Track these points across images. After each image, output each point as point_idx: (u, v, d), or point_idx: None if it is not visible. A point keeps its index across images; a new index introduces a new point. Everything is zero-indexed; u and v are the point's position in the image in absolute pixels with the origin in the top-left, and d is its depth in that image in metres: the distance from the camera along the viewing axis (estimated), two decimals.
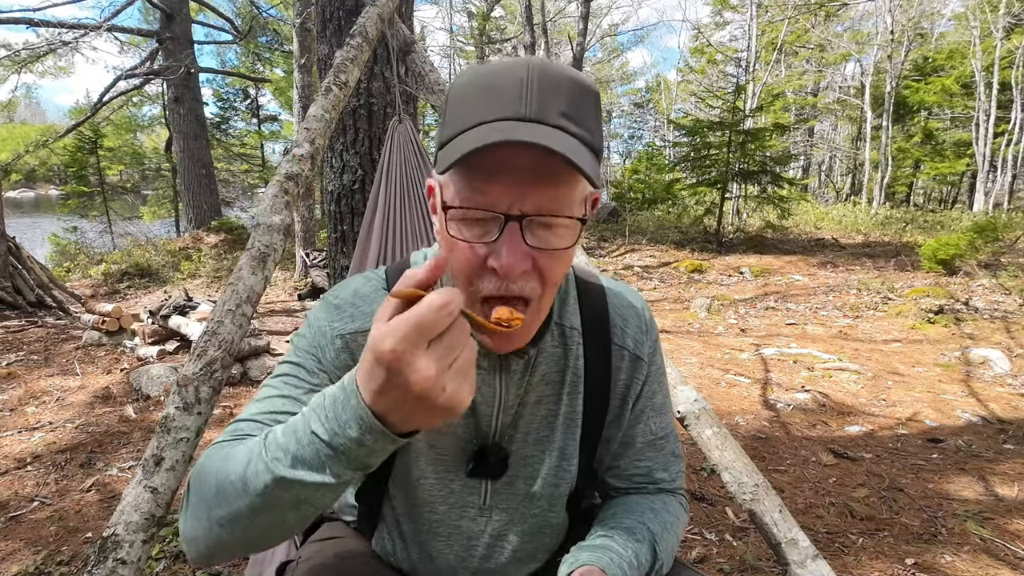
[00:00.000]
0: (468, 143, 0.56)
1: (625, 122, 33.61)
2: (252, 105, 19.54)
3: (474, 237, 0.60)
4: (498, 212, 0.58)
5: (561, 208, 0.59)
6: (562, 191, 0.59)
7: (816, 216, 13.62)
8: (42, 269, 6.31)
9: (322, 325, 0.74)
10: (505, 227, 0.58)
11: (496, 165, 0.57)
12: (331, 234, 2.65)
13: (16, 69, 11.28)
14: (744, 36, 18.79)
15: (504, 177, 0.57)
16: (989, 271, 6.69)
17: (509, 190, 0.57)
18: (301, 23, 7.92)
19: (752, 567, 1.82)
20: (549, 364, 0.77)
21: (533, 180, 0.57)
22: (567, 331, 0.79)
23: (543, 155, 0.55)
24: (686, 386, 1.34)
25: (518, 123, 0.57)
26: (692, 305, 6.11)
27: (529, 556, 0.83)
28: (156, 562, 1.85)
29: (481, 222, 0.60)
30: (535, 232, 0.59)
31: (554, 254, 0.61)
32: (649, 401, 0.84)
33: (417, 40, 1.99)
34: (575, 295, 0.81)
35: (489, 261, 0.60)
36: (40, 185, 35.33)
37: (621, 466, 0.85)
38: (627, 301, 0.84)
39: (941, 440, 2.79)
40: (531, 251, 0.59)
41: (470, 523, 0.80)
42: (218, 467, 0.60)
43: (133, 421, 3.13)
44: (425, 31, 20.58)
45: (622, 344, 0.81)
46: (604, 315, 0.81)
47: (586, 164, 0.56)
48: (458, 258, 0.62)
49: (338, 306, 0.75)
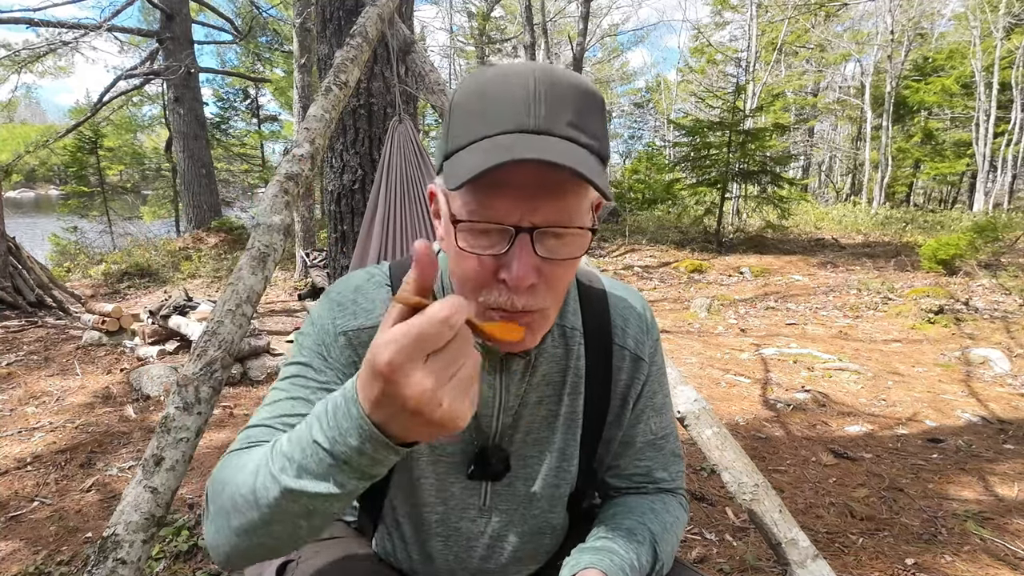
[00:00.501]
0: (476, 160, 0.56)
1: (625, 122, 33.65)
2: (252, 105, 19.55)
3: (483, 249, 0.59)
4: (508, 225, 0.58)
5: (571, 219, 0.59)
6: (571, 202, 0.59)
7: (816, 216, 13.63)
8: (42, 269, 6.31)
9: (325, 323, 0.74)
10: (516, 239, 0.58)
11: (505, 179, 0.56)
12: (331, 234, 2.65)
13: (16, 69, 11.28)
14: (744, 36, 18.81)
15: (513, 191, 0.57)
16: (989, 271, 6.69)
17: (518, 203, 0.57)
18: (301, 23, 7.92)
19: (752, 567, 1.82)
20: (550, 365, 0.78)
21: (542, 192, 0.57)
22: (568, 331, 0.79)
23: (553, 168, 0.55)
24: (686, 386, 1.34)
25: (526, 136, 0.56)
26: (692, 305, 6.11)
27: (529, 557, 0.83)
28: (156, 562, 1.85)
29: (490, 234, 0.59)
30: (545, 243, 0.59)
31: (564, 263, 0.61)
32: (650, 401, 0.84)
33: (417, 40, 1.99)
34: (576, 296, 0.81)
35: (500, 273, 0.60)
36: (40, 185, 35.34)
37: (621, 466, 0.86)
38: (628, 302, 0.84)
39: (941, 440, 2.79)
40: (541, 263, 0.59)
41: (470, 524, 0.80)
42: (231, 477, 0.60)
43: (133, 421, 3.13)
44: (425, 31, 20.60)
45: (623, 344, 0.81)
46: (605, 316, 0.81)
47: (596, 175, 0.56)
48: (466, 269, 0.61)
49: (340, 303, 0.75)
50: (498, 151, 0.55)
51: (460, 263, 0.62)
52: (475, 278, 0.61)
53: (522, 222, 0.57)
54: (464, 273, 0.62)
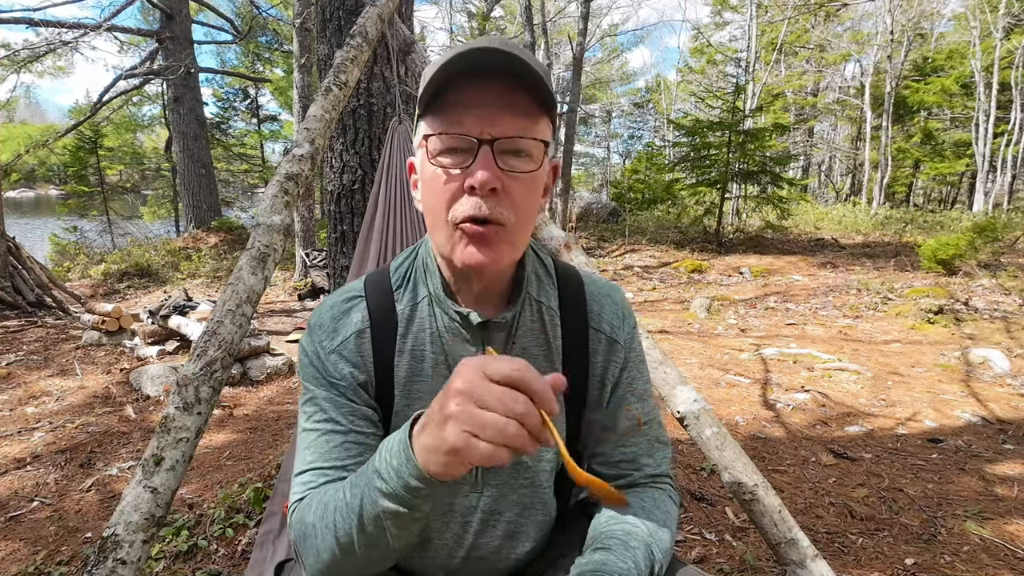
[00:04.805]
0: (440, 74, 0.65)
1: (625, 122, 33.52)
2: (252, 105, 19.55)
3: (452, 166, 0.69)
4: (472, 137, 0.67)
5: (527, 133, 0.68)
6: (527, 123, 0.68)
7: (816, 216, 13.63)
8: (42, 269, 6.31)
9: (313, 349, 0.80)
10: (479, 150, 0.67)
11: (468, 100, 0.67)
12: (331, 234, 2.65)
13: (16, 69, 11.27)
14: (744, 36, 18.81)
15: (476, 110, 0.67)
16: (989, 271, 6.69)
17: (480, 120, 0.66)
18: (301, 23, 7.92)
19: (752, 567, 1.82)
20: (528, 339, 0.82)
21: (502, 111, 0.67)
22: (545, 309, 0.83)
23: (510, 90, 0.66)
24: (686, 386, 1.34)
25: (485, 48, 0.65)
26: (692, 305, 6.11)
27: (522, 534, 0.85)
28: (156, 562, 1.85)
29: (456, 152, 0.68)
30: (505, 159, 0.68)
31: (523, 179, 0.69)
32: (630, 387, 0.87)
33: (417, 40, 1.99)
34: (554, 279, 0.86)
35: (466, 181, 0.67)
36: (40, 185, 35.31)
37: (606, 453, 0.87)
38: (604, 290, 0.88)
39: (941, 440, 2.79)
40: (503, 174, 0.68)
41: (463, 500, 0.82)
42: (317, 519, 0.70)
43: (133, 421, 3.13)
44: (425, 31, 20.59)
45: (598, 327, 0.85)
46: (581, 300, 0.86)
47: (547, 93, 0.67)
48: (438, 188, 0.70)
49: (320, 325, 0.81)
50: (464, 57, 0.65)
51: (433, 184, 0.71)
52: (446, 193, 0.69)
53: (483, 135, 0.67)
54: (436, 192, 0.70)
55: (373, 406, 0.79)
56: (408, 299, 0.81)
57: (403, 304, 0.81)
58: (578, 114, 14.37)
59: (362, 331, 0.79)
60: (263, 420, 3.19)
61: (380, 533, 0.63)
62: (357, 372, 0.78)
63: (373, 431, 0.78)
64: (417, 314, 0.80)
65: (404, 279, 0.82)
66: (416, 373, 0.79)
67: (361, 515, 0.63)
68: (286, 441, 2.83)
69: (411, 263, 0.84)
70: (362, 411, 0.78)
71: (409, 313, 0.80)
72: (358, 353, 0.78)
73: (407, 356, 0.79)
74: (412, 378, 0.79)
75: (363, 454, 0.75)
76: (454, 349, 0.79)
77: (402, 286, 0.82)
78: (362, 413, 0.77)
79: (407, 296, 0.81)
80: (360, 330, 0.79)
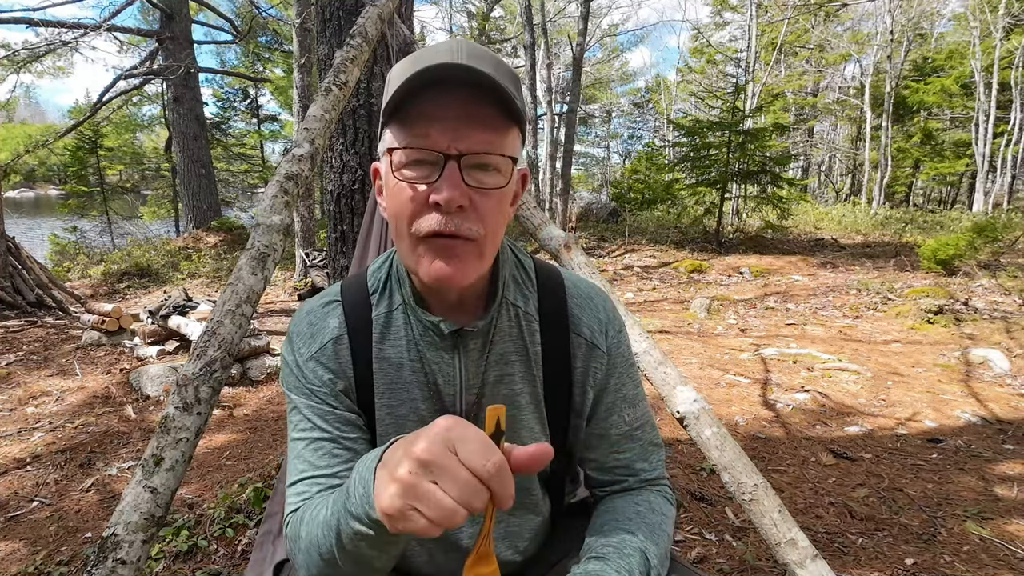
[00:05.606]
0: (405, 88, 0.62)
1: (625, 122, 33.52)
2: (252, 105, 19.55)
3: (417, 180, 0.66)
4: (438, 152, 0.64)
5: (494, 149, 0.65)
6: (493, 137, 0.65)
7: (816, 216, 13.63)
8: (42, 269, 6.31)
9: (293, 357, 0.79)
10: (445, 165, 0.64)
11: (433, 112, 0.64)
12: (331, 234, 2.65)
13: (15, 69, 11.27)
14: (744, 36, 18.81)
15: (441, 123, 0.64)
16: (989, 271, 6.69)
17: (446, 133, 0.63)
18: (301, 23, 7.92)
19: (752, 567, 1.82)
20: (506, 344, 0.79)
21: (469, 124, 0.64)
22: (522, 314, 0.81)
23: (476, 101, 0.63)
24: (686, 386, 1.34)
25: (451, 64, 0.62)
26: (692, 305, 6.11)
27: (515, 535, 0.85)
28: (156, 562, 1.85)
29: (422, 165, 0.65)
30: (472, 174, 0.65)
31: (490, 194, 0.67)
32: (619, 393, 0.85)
33: (417, 40, 1.99)
34: (534, 282, 0.83)
35: (431, 197, 0.65)
36: (40, 185, 35.31)
37: (599, 459, 0.86)
38: (587, 294, 0.86)
39: (941, 440, 2.79)
40: (470, 191, 0.65)
41: None
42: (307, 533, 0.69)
43: (133, 421, 3.13)
44: (425, 31, 20.56)
45: (578, 332, 0.83)
46: (562, 305, 0.83)
47: (512, 104, 0.64)
48: (402, 200, 0.67)
49: (298, 333, 0.80)
50: (424, 72, 0.61)
51: (397, 196, 0.68)
52: (410, 205, 0.66)
53: (450, 150, 0.64)
54: (400, 205, 0.67)
55: (357, 411, 0.78)
56: (384, 305, 0.80)
57: (379, 310, 0.79)
58: (578, 114, 14.37)
59: (339, 337, 0.78)
60: (263, 420, 3.19)
61: (358, 552, 0.62)
62: (336, 378, 0.77)
63: (359, 435, 0.77)
64: (393, 321, 0.79)
65: (381, 284, 0.81)
66: (395, 380, 0.78)
67: (339, 534, 0.62)
68: (286, 441, 2.83)
69: (388, 268, 0.82)
70: (346, 416, 0.77)
71: (385, 319, 0.79)
72: (336, 359, 0.78)
73: (385, 363, 0.78)
74: (391, 385, 0.78)
75: (352, 460, 0.74)
76: (431, 356, 0.78)
77: (379, 291, 0.81)
78: (347, 419, 0.77)
79: (384, 302, 0.80)
80: (337, 336, 0.78)
